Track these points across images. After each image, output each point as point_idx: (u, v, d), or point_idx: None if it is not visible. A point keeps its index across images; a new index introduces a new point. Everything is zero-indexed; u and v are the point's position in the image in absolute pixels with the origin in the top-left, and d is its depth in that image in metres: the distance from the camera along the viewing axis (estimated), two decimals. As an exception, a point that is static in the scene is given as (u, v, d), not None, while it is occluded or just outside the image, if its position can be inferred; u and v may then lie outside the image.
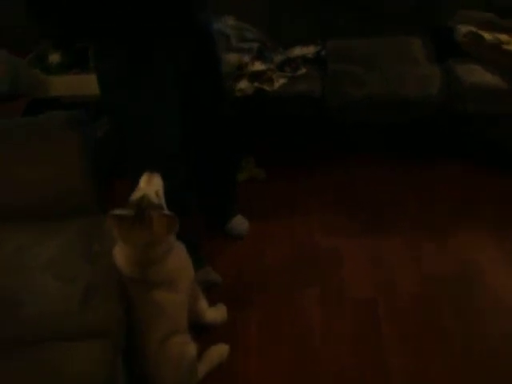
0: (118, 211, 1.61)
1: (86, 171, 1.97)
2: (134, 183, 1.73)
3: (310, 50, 2.89)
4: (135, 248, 1.67)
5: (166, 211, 1.66)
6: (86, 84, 2.87)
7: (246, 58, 2.78)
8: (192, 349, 1.81)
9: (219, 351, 1.98)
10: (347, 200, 2.66)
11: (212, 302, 2.10)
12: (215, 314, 2.08)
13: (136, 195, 1.68)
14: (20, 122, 2.12)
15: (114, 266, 1.73)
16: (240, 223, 2.54)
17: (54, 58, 2.86)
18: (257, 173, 2.81)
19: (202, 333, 2.02)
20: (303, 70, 2.76)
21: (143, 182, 1.73)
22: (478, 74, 2.60)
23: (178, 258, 1.78)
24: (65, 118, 2.01)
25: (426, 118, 2.60)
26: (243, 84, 2.66)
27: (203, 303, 2.02)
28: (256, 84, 2.65)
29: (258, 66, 2.73)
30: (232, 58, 2.76)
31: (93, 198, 1.99)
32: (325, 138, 2.77)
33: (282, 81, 2.70)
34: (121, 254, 1.72)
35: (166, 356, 1.73)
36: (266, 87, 2.65)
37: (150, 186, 1.71)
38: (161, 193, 1.73)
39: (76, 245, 1.84)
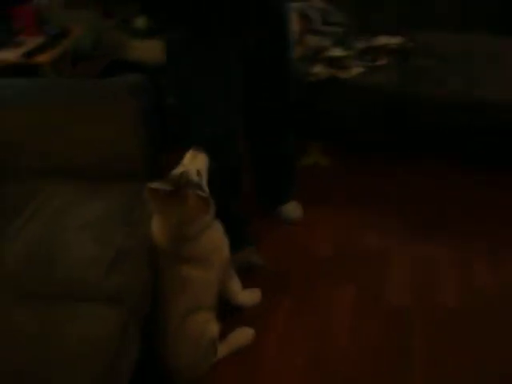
0: (155, 184, 1.64)
1: (140, 138, 2.00)
2: None
3: (395, 41, 2.76)
4: (170, 222, 1.70)
5: (203, 191, 1.66)
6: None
7: (326, 42, 2.71)
8: (213, 328, 1.83)
9: (244, 334, 1.99)
10: (407, 202, 2.55)
11: (248, 284, 2.10)
12: (247, 296, 2.08)
13: (177, 171, 1.69)
14: (85, 83, 2.18)
15: (150, 236, 1.77)
16: (293, 209, 2.51)
17: (140, 22, 2.92)
18: (321, 159, 2.76)
19: (232, 314, 2.03)
20: (383, 61, 2.65)
21: (187, 158, 1.74)
22: None
23: (213, 237, 1.79)
24: (127, 83, 2.05)
25: (504, 125, 2.42)
26: (318, 68, 2.60)
27: (235, 284, 2.02)
28: (331, 70, 2.58)
29: (337, 52, 2.66)
30: (311, 40, 2.71)
31: (143, 165, 2.02)
32: (395, 134, 2.65)
33: (358, 69, 2.61)
34: (157, 226, 1.75)
35: (186, 332, 1.76)
36: (341, 74, 2.57)
37: (193, 163, 1.72)
38: (203, 172, 1.73)
39: (118, 209, 1.88)
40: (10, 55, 2.19)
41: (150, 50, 2.94)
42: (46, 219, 1.86)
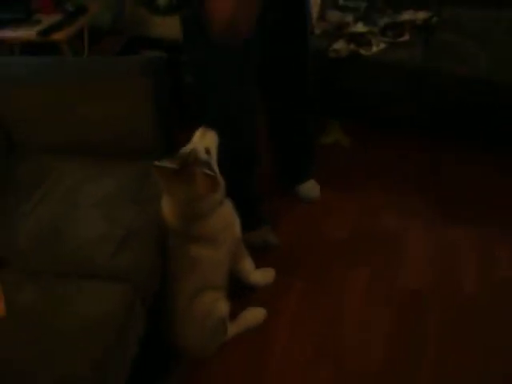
0: (163, 162, 1.62)
1: (153, 115, 1.98)
2: None
3: (420, 16, 2.67)
4: (178, 201, 1.68)
5: (211, 170, 1.64)
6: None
7: (349, 18, 2.64)
8: (222, 307, 1.81)
9: (255, 314, 1.98)
10: (427, 183, 2.49)
11: (262, 263, 2.09)
12: (260, 276, 2.07)
13: (186, 149, 1.68)
14: (99, 60, 2.18)
15: (159, 214, 1.77)
16: (311, 188, 2.48)
17: (162, -1, 2.90)
18: (342, 138, 2.71)
19: (244, 293, 2.02)
20: (406, 37, 2.57)
21: (197, 136, 1.72)
22: None
23: (223, 216, 1.77)
24: (141, 61, 2.04)
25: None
26: (339, 44, 2.53)
27: (247, 264, 2.01)
28: (352, 46, 2.51)
29: (359, 28, 2.59)
30: (333, 16, 2.64)
31: (156, 143, 2.01)
32: (416, 112, 2.58)
33: (380, 46, 2.53)
34: (166, 204, 1.74)
35: (194, 313, 1.75)
36: (362, 51, 2.50)
37: (203, 141, 1.70)
38: (213, 150, 1.71)
39: (129, 187, 1.89)
40: (26, 33, 2.19)
41: (171, 27, 2.91)
42: (59, 197, 1.88)
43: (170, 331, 1.77)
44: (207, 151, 1.68)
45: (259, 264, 2.09)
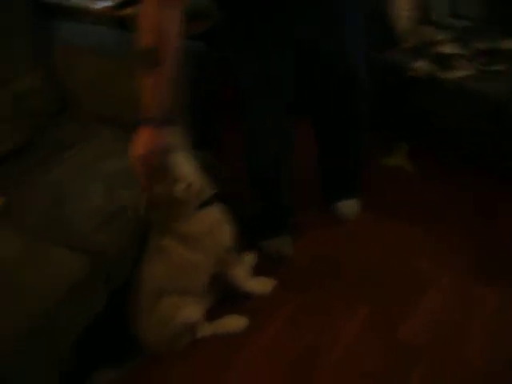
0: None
1: (185, 102, 1.99)
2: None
3: (526, 46, 2.35)
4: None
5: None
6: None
7: (442, 36, 2.40)
8: (185, 315, 1.78)
9: (236, 323, 1.93)
10: (478, 235, 2.19)
11: (269, 273, 2.05)
12: (257, 284, 2.01)
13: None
14: None
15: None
16: (349, 206, 2.33)
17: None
18: (405, 163, 2.50)
19: (236, 299, 1.98)
20: (501, 67, 2.27)
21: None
22: None
23: (206, 221, 1.75)
24: (185, 48, 2.03)
25: None
26: (420, 63, 2.32)
27: (242, 272, 1.96)
28: (432, 67, 2.29)
29: (448, 48, 2.35)
30: (426, 31, 2.42)
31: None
32: (494, 154, 2.29)
33: (465, 72, 2.27)
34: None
35: (158, 313, 1.76)
36: (442, 74, 2.27)
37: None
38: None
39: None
40: (102, 6, 2.31)
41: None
42: (78, 165, 1.99)
43: (135, 326, 1.79)
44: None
45: (265, 273, 2.05)
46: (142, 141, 1.57)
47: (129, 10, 2.27)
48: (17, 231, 1.74)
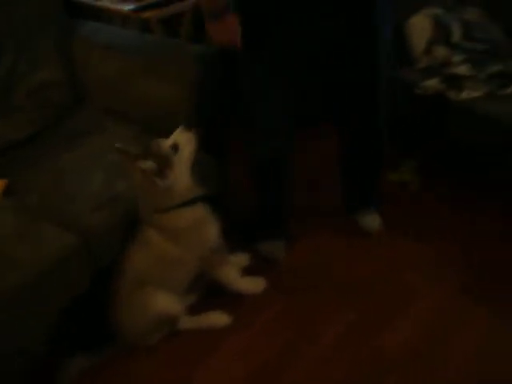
0: (122, 145, 1.70)
1: (192, 104, 2.06)
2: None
3: (541, 71, 2.33)
4: (136, 186, 1.77)
5: (166, 165, 1.67)
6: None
7: (457, 58, 2.40)
8: (161, 307, 1.81)
9: (217, 319, 1.96)
10: (479, 257, 2.16)
11: (258, 274, 2.08)
12: (247, 284, 2.04)
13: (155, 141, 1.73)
14: (170, 42, 2.35)
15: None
16: (371, 220, 2.32)
17: None
18: (410, 179, 2.49)
19: (225, 297, 2.00)
20: (512, 90, 2.26)
21: (175, 132, 1.76)
22: None
23: (190, 218, 1.78)
24: (196, 51, 2.13)
25: None
26: (431, 82, 2.33)
27: (231, 271, 1.99)
28: (442, 86, 2.30)
29: (462, 70, 2.34)
30: (440, 52, 2.43)
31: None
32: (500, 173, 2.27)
33: (475, 93, 2.27)
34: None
35: (135, 301, 1.80)
36: (450, 94, 2.27)
37: (180, 138, 1.74)
38: (185, 149, 1.73)
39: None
40: (125, 7, 2.41)
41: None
42: (85, 154, 2.08)
43: (111, 310, 1.83)
44: (175, 147, 1.71)
45: (258, 274, 2.08)
46: (223, 28, 1.70)
47: (149, 13, 2.36)
48: (16, 211, 1.84)
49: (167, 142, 1.71)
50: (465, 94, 2.27)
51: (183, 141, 1.73)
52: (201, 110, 2.08)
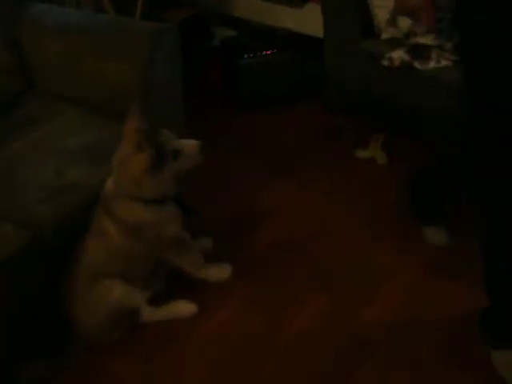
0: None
1: (144, 83, 1.97)
2: None
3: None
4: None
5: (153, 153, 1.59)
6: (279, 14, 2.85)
7: (421, 29, 2.33)
8: (117, 299, 1.73)
9: (183, 309, 1.88)
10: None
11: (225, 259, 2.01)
12: (211, 272, 1.96)
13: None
14: (123, 21, 2.26)
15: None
16: (438, 234, 2.11)
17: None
18: (378, 155, 2.42)
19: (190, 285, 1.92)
20: (478, 58, 2.19)
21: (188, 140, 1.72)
22: None
23: (150, 214, 1.71)
24: (153, 30, 2.03)
25: None
26: (396, 53, 2.26)
27: (194, 258, 1.91)
28: (407, 57, 2.23)
29: (427, 40, 2.27)
30: (404, 22, 2.35)
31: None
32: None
33: (442, 62, 2.20)
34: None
35: (90, 294, 1.72)
36: (417, 64, 2.21)
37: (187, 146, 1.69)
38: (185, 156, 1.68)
39: (97, 148, 1.90)
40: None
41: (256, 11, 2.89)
42: (36, 140, 1.99)
43: (67, 305, 1.74)
44: (178, 153, 1.65)
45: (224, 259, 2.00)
46: None
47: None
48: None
49: (178, 143, 1.66)
50: (432, 64, 2.21)
51: (190, 152, 1.68)
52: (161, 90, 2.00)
